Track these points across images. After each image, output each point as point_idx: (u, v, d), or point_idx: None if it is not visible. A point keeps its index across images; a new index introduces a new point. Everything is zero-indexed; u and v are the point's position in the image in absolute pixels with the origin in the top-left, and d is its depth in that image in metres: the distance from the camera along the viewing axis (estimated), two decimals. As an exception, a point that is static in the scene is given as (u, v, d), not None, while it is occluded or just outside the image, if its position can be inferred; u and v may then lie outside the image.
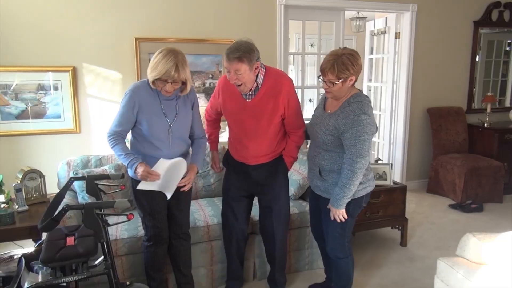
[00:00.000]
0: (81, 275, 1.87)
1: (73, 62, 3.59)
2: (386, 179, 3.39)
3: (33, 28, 3.44)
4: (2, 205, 2.74)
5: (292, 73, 7.28)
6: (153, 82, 2.14)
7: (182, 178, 2.28)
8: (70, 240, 2.04)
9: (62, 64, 3.55)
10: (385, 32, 5.01)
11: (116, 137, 2.22)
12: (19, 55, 3.43)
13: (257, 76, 2.22)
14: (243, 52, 2.10)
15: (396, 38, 4.78)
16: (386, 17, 4.92)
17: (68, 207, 1.78)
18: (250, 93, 2.27)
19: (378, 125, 5.30)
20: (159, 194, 2.24)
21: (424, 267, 3.12)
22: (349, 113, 2.08)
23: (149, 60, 2.02)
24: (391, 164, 4.15)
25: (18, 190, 2.78)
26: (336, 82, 2.07)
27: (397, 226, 3.47)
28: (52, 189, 2.97)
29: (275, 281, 2.71)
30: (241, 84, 2.18)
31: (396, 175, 4.95)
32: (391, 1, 4.51)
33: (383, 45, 5.11)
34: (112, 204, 1.82)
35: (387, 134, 5.09)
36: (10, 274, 2.04)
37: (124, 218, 1.87)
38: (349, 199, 2.18)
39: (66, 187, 2.22)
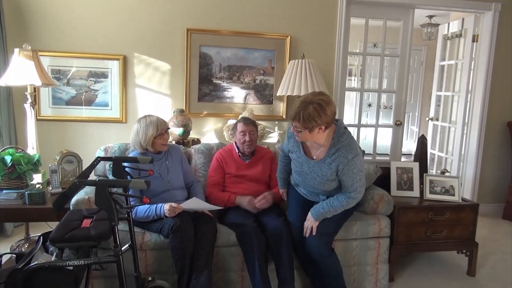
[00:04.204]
0: (87, 260, 1.67)
1: (124, 51, 3.55)
2: (453, 195, 2.91)
3: (86, 16, 3.45)
4: (37, 185, 2.71)
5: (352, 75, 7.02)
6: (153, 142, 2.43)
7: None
8: (86, 223, 1.88)
9: (113, 52, 3.53)
10: (460, 35, 4.49)
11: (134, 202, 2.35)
12: (72, 41, 3.46)
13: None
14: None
15: (473, 41, 4.24)
16: (463, 19, 4.41)
17: (79, 182, 1.61)
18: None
19: (447, 139, 4.82)
20: None
21: (497, 303, 2.59)
22: (342, 159, 2.13)
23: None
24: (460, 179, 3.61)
25: (53, 171, 2.72)
26: (302, 131, 2.07)
27: (464, 251, 2.95)
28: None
29: (286, 279, 2.38)
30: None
31: (466, 197, 4.34)
32: (469, -1, 4.02)
33: (458, 50, 4.58)
34: (127, 183, 1.63)
35: (457, 150, 4.52)
36: (24, 253, 1.91)
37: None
38: None
39: (92, 166, 2.08)
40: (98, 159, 2.12)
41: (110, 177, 2.76)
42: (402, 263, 3.08)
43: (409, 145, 7.29)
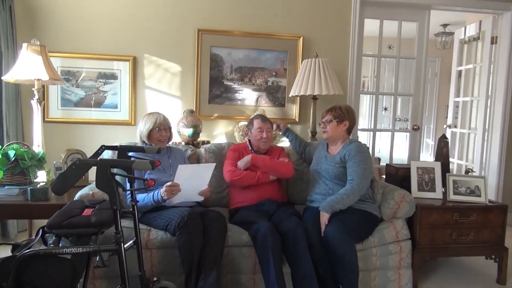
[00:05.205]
0: (86, 248, 1.54)
1: (134, 52, 3.50)
2: (479, 195, 2.72)
3: (96, 16, 3.42)
4: (41, 183, 2.60)
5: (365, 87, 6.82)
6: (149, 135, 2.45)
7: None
8: (87, 212, 1.76)
9: (123, 53, 3.48)
10: (478, 38, 4.36)
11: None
12: (82, 42, 3.41)
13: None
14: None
15: (492, 43, 4.11)
16: (480, 21, 4.30)
17: (79, 161, 1.49)
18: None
19: (466, 146, 4.63)
20: None
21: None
22: (352, 147, 2.51)
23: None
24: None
25: (58, 168, 2.63)
26: (333, 120, 2.55)
27: (493, 257, 2.73)
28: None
29: (307, 276, 2.19)
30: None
31: (489, 205, 4.12)
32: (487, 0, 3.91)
33: (475, 53, 4.45)
34: (130, 163, 1.50)
35: (477, 158, 4.31)
36: (20, 244, 1.79)
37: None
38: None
39: (96, 155, 1.97)
40: (103, 147, 2.02)
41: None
42: (426, 269, 2.87)
43: (425, 158, 7.08)
